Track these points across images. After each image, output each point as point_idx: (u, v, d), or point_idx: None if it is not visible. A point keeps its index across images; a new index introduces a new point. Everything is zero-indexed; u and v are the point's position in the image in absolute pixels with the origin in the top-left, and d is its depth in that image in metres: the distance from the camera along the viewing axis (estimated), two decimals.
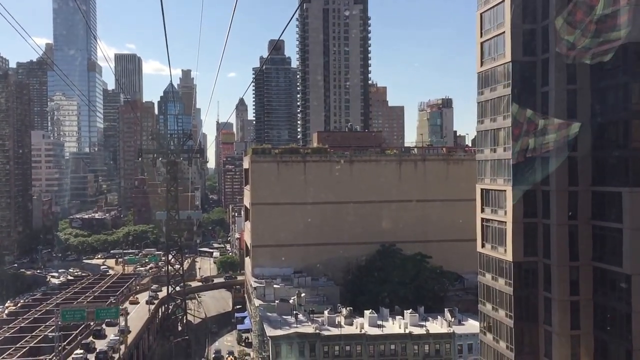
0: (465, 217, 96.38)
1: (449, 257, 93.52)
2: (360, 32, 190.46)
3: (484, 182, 49.24)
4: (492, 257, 49.10)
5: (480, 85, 47.93)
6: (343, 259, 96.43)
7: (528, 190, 43.19)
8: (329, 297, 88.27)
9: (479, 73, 47.85)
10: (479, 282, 51.51)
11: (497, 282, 46.91)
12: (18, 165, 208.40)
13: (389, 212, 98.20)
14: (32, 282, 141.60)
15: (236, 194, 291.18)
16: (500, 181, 46.05)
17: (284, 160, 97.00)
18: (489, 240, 48.35)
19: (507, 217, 44.48)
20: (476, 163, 50.45)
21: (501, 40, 44.38)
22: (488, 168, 47.79)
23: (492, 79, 46.38)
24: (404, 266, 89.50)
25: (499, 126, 46.52)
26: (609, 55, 36.35)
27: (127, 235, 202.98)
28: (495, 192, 46.87)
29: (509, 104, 43.11)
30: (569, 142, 39.30)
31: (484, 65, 47.35)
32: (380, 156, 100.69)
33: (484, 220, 49.37)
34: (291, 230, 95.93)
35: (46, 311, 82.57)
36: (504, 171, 44.52)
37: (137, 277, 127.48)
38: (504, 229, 45.17)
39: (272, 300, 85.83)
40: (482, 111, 47.96)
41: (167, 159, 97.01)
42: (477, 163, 49.94)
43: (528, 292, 45.36)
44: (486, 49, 47.00)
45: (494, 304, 47.97)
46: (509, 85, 43.75)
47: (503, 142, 44.74)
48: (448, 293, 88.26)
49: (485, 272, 49.46)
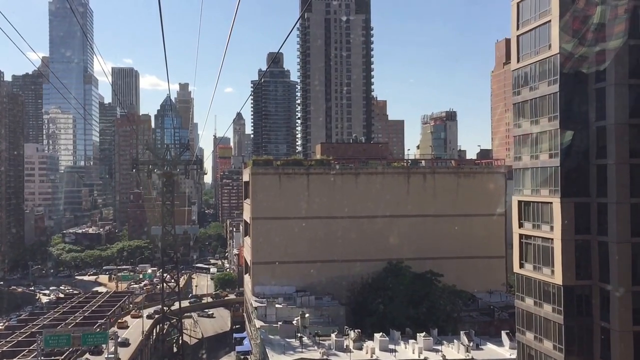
0: (477, 233, 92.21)
1: (460, 276, 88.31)
2: (362, 42, 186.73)
3: (523, 193, 43.98)
4: (535, 279, 43.74)
5: (516, 84, 43.06)
6: (348, 276, 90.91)
7: (580, 203, 37.99)
8: (334, 317, 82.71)
9: (514, 71, 43.06)
10: (516, 308, 46.11)
11: (542, 309, 41.57)
12: (10, 178, 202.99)
13: (396, 227, 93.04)
14: (21, 300, 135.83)
15: (233, 208, 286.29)
16: (544, 192, 40.89)
17: (286, 172, 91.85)
18: (530, 260, 43.06)
19: (555, 234, 39.20)
20: (513, 172, 45.22)
21: (545, 30, 39.65)
22: (528, 177, 42.58)
23: (532, 76, 41.50)
24: (414, 285, 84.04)
25: (542, 129, 41.37)
26: None
27: (122, 251, 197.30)
28: (538, 204, 41.70)
29: (556, 103, 38.25)
30: (631, 147, 34.38)
31: (522, 61, 42.54)
32: (387, 168, 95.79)
33: (523, 237, 44.10)
34: (293, 246, 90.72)
35: (31, 333, 77.11)
36: (550, 180, 39.33)
37: (131, 295, 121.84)
38: (551, 247, 39.86)
39: (274, 321, 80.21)
40: (519, 113, 42.99)
41: (162, 171, 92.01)
42: (515, 172, 44.72)
43: (581, 321, 39.88)
44: (525, 42, 42.21)
45: (538, 333, 42.54)
46: (556, 81, 38.90)
47: (548, 148, 39.63)
48: (461, 314, 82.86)
49: (525, 297, 44.14)
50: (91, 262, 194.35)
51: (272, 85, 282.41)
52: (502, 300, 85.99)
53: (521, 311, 45.17)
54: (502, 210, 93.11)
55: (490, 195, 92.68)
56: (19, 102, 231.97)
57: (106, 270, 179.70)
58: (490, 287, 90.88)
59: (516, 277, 45.82)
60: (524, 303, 44.53)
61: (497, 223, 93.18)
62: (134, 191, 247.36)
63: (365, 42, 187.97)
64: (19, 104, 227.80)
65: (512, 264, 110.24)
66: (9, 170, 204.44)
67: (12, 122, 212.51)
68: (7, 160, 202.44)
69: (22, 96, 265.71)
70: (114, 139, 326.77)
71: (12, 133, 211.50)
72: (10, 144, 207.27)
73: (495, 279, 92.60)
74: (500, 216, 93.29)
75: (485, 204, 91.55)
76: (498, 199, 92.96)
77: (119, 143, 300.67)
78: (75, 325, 79.38)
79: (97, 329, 77.05)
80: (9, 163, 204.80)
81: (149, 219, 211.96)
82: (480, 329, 77.14)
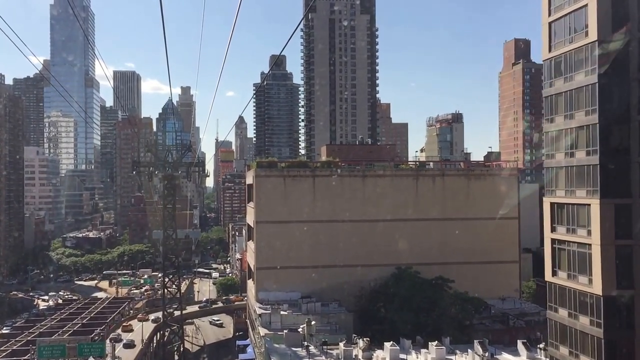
0: (489, 237, 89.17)
1: (470, 282, 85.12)
2: (367, 43, 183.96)
3: (556, 194, 40.71)
4: (570, 288, 40.53)
5: (548, 75, 39.86)
6: (354, 282, 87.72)
7: (621, 204, 34.86)
8: (341, 325, 79.55)
9: (546, 61, 39.93)
10: (548, 319, 43.00)
11: (578, 321, 38.44)
12: (10, 182, 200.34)
13: (404, 231, 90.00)
14: (19, 305, 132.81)
15: (235, 212, 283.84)
16: (581, 193, 37.79)
17: (291, 174, 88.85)
18: (564, 268, 39.92)
19: (593, 239, 36.06)
20: (545, 171, 42.07)
21: (581, 15, 36.61)
22: (562, 177, 39.30)
23: (567, 65, 38.36)
24: (424, 291, 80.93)
25: (579, 124, 37.98)
26: None
27: (122, 255, 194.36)
28: (574, 206, 38.48)
29: (594, 95, 35.19)
30: None
31: (555, 50, 39.34)
32: (396, 171, 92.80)
33: (556, 241, 40.89)
34: (298, 251, 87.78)
35: (27, 342, 74.06)
36: (588, 180, 36.14)
37: (131, 300, 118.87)
38: (588, 254, 36.68)
39: (279, 328, 77.23)
40: (552, 107, 39.70)
41: (164, 173, 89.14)
42: (546, 171, 41.59)
43: (623, 335, 36.61)
44: (558, 29, 39.00)
45: (573, 348, 39.27)
46: (594, 71, 35.83)
47: (586, 144, 36.45)
48: (473, 321, 79.73)
49: (559, 307, 40.98)
50: (91, 266, 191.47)
51: (275, 88, 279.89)
52: (516, 307, 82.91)
53: (554, 323, 41.92)
54: (514, 214, 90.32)
55: (502, 198, 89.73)
56: (20, 105, 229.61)
57: (106, 275, 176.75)
58: (503, 294, 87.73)
59: (548, 286, 42.57)
60: (557, 314, 41.32)
61: (509, 227, 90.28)
62: (135, 195, 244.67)
63: (370, 42, 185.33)
64: (19, 107, 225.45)
65: (524, 270, 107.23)
66: (9, 173, 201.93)
67: (13, 125, 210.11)
68: (8, 163, 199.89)
69: (22, 99, 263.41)
70: (115, 142, 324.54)
71: (12, 136, 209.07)
72: (10, 147, 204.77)
73: (507, 284, 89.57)
74: (512, 220, 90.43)
75: (497, 207, 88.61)
76: (510, 202, 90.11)
77: (120, 146, 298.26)
78: (73, 334, 76.45)
79: (95, 337, 74.27)
80: (10, 166, 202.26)
81: (150, 222, 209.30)
82: (494, 338, 73.96)
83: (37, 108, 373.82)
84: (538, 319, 79.55)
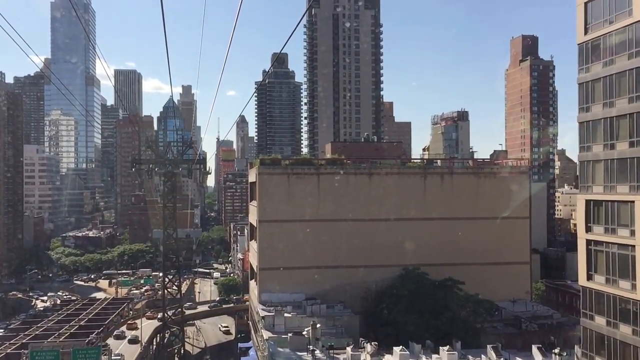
0: (499, 237, 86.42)
1: (480, 283, 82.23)
2: (372, 39, 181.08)
3: (593, 190, 37.56)
4: (609, 294, 37.47)
5: (583, 60, 36.85)
6: (360, 283, 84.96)
7: None
8: (347, 328, 76.84)
9: (580, 44, 36.93)
10: (582, 328, 40.07)
11: (618, 330, 35.53)
12: (8, 180, 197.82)
13: (412, 231, 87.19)
14: (16, 306, 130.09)
15: (237, 211, 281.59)
16: (623, 188, 34.59)
17: (295, 172, 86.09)
18: (601, 271, 36.87)
19: (637, 240, 33.01)
20: (578, 165, 38.99)
21: None
22: (601, 171, 36.13)
23: (606, 48, 35.38)
24: (433, 293, 78.16)
25: (620, 112, 34.80)
26: None
27: (122, 255, 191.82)
28: (614, 204, 35.36)
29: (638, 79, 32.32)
30: None
31: (592, 32, 36.32)
32: (403, 168, 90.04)
33: (593, 242, 37.75)
34: (302, 251, 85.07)
35: (22, 345, 71.35)
36: (632, 174, 33.07)
37: (131, 301, 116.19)
38: (630, 256, 33.64)
39: (283, 331, 74.52)
40: (588, 94, 36.64)
41: (164, 170, 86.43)
42: (580, 165, 38.52)
43: None
44: (595, 9, 35.88)
45: (612, 359, 36.28)
46: (638, 54, 32.90)
47: (629, 134, 33.41)
48: (484, 325, 76.93)
49: (595, 315, 37.97)
50: (91, 266, 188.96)
51: (277, 87, 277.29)
52: (528, 310, 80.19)
53: (589, 332, 38.76)
54: (525, 213, 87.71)
55: (513, 196, 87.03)
56: (19, 102, 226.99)
57: (106, 275, 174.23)
58: (514, 296, 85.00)
59: (582, 291, 39.52)
60: (593, 323, 38.21)
61: (520, 226, 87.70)
62: (136, 193, 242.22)
63: (374, 39, 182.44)
64: (19, 105, 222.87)
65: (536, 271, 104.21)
66: (9, 172, 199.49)
67: (12, 123, 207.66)
68: (7, 162, 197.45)
69: (22, 95, 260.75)
70: (115, 141, 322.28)
71: (12, 134, 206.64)
72: (9, 145, 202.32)
73: (518, 286, 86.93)
74: (523, 219, 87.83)
75: (507, 206, 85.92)
76: (521, 201, 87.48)
77: (121, 145, 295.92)
78: (69, 336, 73.76)
79: (92, 339, 71.66)
80: (8, 164, 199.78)
81: (151, 222, 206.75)
82: (506, 342, 71.25)
83: (37, 107, 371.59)
84: (551, 322, 76.93)
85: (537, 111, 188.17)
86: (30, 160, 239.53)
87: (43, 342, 64.91)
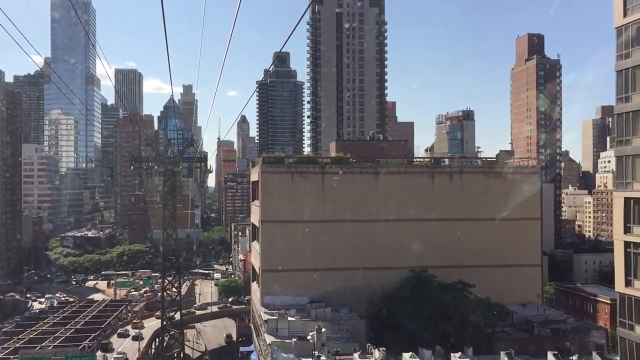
0: (509, 239, 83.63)
1: (489, 286, 79.34)
2: (376, 37, 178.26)
3: (632, 187, 34.57)
4: None
5: (622, 46, 33.90)
6: (366, 286, 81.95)
7: None
8: (353, 332, 74.01)
9: (619, 28, 33.99)
10: (619, 338, 37.32)
11: None
12: (6, 179, 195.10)
13: (419, 232, 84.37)
14: (12, 308, 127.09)
15: (237, 212, 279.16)
16: None
17: (299, 171, 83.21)
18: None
19: None
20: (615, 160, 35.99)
21: None
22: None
23: None
24: (442, 296, 75.23)
25: None
26: None
27: (121, 255, 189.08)
28: None
29: None
30: None
31: (632, 14, 33.36)
32: (411, 167, 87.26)
33: (632, 245, 34.82)
34: (306, 253, 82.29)
35: (15, 349, 68.61)
36: None
37: (129, 303, 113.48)
38: None
39: (286, 335, 71.76)
40: (628, 83, 33.58)
41: (164, 168, 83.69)
42: (618, 160, 35.46)
43: None
44: None
45: None
46: None
47: None
48: (495, 330, 74.06)
49: (635, 324, 35.14)
50: (90, 267, 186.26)
51: (278, 86, 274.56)
52: (539, 314, 77.32)
53: (628, 343, 35.80)
54: (536, 214, 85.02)
55: (523, 197, 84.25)
56: (18, 100, 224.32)
57: (104, 276, 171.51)
58: (524, 299, 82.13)
59: (619, 298, 36.71)
60: (633, 333, 35.38)
61: (530, 228, 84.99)
62: (136, 193, 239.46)
63: (378, 37, 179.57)
64: (17, 103, 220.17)
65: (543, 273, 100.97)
66: (7, 171, 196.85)
67: (10, 121, 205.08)
68: (5, 161, 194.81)
69: (20, 93, 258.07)
70: (115, 140, 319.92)
71: (10, 133, 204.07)
72: (7, 144, 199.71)
73: (528, 289, 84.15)
74: (534, 220, 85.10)
75: (517, 207, 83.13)
76: (532, 202, 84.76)
77: (121, 144, 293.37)
78: (64, 340, 71.13)
79: (89, 343, 69.01)
80: (6, 163, 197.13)
81: (151, 222, 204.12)
82: (519, 348, 68.55)
83: (37, 106, 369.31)
84: (565, 327, 74.13)
85: (544, 111, 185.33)
86: (29, 159, 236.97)
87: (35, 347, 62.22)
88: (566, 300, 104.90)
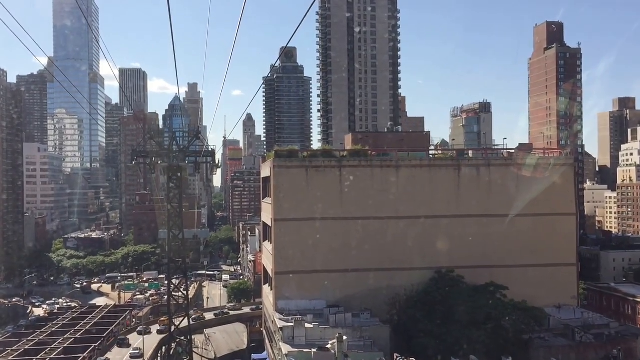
0: (542, 236, 77.43)
1: (521, 287, 73.09)
2: (389, 25, 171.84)
3: None
4: None
5: None
6: (387, 288, 75.60)
7: None
8: (376, 340, 67.89)
9: None
10: None
11: None
12: (8, 179, 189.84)
13: (444, 229, 78.22)
14: (12, 313, 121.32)
15: (245, 211, 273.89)
16: None
17: (314, 165, 77.06)
18: None
19: None
20: None
21: None
22: None
23: None
24: (473, 299, 68.91)
25: None
26: None
27: (127, 257, 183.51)
28: None
29: None
30: None
31: None
32: (434, 160, 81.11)
33: None
34: (323, 253, 76.33)
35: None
36: None
37: (134, 308, 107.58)
38: None
39: (304, 344, 65.86)
40: None
41: (168, 163, 77.73)
42: None
43: None
44: None
45: None
46: None
47: None
48: (531, 336, 67.67)
49: None
50: (94, 269, 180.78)
51: (286, 81, 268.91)
52: (577, 318, 71.01)
53: None
54: (571, 209, 78.79)
55: (557, 191, 78.11)
56: (20, 99, 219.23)
57: (109, 278, 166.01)
58: (559, 301, 75.92)
59: None
60: None
61: (565, 224, 78.88)
62: (140, 192, 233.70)
63: (391, 26, 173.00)
64: (19, 102, 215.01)
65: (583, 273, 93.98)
66: (8, 170, 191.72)
67: (12, 120, 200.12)
68: (6, 160, 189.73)
69: (22, 91, 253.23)
70: (120, 138, 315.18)
71: (12, 133, 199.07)
72: (9, 143, 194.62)
73: (563, 290, 78.12)
74: (569, 216, 78.84)
75: (551, 202, 76.96)
76: (566, 196, 78.61)
77: (126, 142, 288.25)
78: (62, 352, 65.37)
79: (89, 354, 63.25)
80: (8, 163, 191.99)
81: (157, 222, 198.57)
82: (559, 356, 62.45)
83: (41, 105, 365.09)
84: (609, 331, 67.67)
85: (565, 100, 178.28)
86: (31, 158, 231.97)
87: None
88: (600, 302, 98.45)
